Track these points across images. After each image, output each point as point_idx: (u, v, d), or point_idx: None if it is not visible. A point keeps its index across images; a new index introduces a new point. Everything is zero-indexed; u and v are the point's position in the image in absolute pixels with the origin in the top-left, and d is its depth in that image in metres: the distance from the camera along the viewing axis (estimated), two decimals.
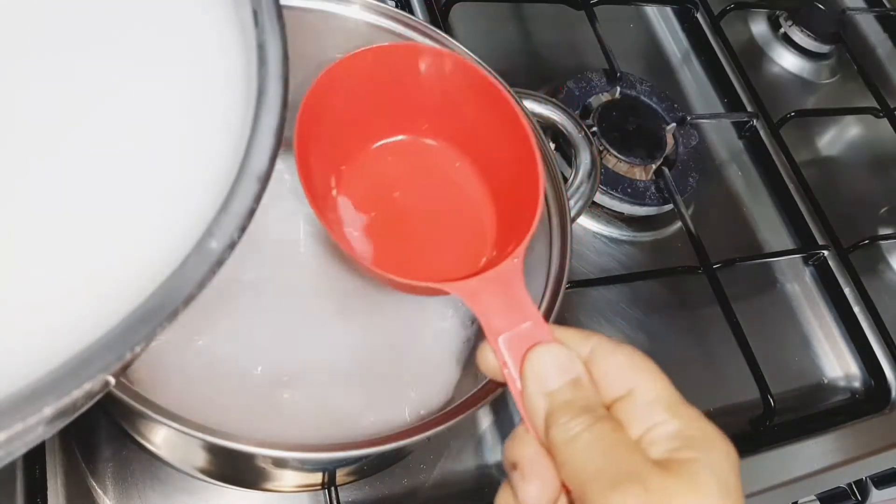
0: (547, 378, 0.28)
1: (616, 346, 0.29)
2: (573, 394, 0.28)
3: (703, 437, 0.27)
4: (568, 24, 0.71)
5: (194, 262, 0.21)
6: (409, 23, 0.43)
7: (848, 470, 0.55)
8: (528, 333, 0.30)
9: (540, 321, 0.31)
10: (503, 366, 0.30)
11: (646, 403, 0.28)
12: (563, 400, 0.28)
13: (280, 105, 0.25)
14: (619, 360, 0.29)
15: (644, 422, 0.27)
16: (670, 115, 0.66)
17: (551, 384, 0.28)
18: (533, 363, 0.29)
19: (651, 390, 0.28)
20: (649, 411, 0.28)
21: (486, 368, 0.31)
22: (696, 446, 0.27)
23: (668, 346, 0.57)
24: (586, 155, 0.49)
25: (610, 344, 0.30)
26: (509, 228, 0.38)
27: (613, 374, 0.29)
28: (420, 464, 0.46)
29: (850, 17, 0.86)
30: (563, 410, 0.27)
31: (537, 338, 0.30)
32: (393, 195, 0.41)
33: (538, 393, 0.28)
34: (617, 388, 0.29)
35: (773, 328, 0.62)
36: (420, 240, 0.40)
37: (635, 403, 0.28)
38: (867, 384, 0.62)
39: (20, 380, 0.18)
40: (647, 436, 0.27)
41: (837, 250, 0.65)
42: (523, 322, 0.30)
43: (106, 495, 0.41)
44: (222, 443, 0.30)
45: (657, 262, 0.61)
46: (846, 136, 0.79)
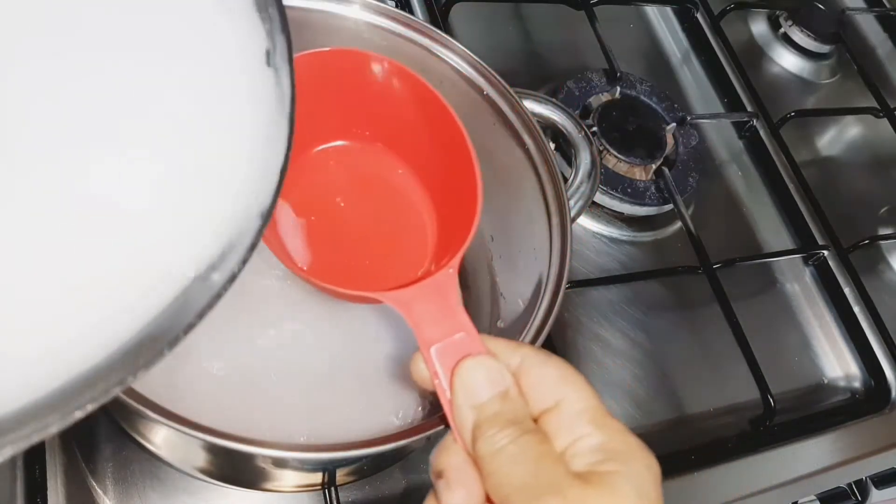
0: (476, 390, 0.29)
1: (545, 358, 0.30)
2: (501, 406, 0.28)
3: (626, 449, 0.27)
4: (568, 24, 0.71)
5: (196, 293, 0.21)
6: (409, 23, 0.43)
7: (848, 470, 0.55)
8: (460, 344, 0.30)
9: (472, 332, 0.31)
10: (434, 376, 0.30)
11: (572, 415, 0.28)
12: (491, 412, 0.28)
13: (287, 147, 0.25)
14: (548, 372, 0.29)
15: (570, 434, 0.28)
16: (670, 115, 0.66)
17: (480, 396, 0.29)
18: (462, 375, 0.29)
19: (577, 402, 0.28)
20: (575, 423, 0.28)
21: (417, 378, 0.31)
22: (618, 459, 0.27)
23: (668, 346, 0.57)
24: (586, 155, 0.49)
25: (539, 356, 0.30)
26: (449, 238, 0.38)
27: (542, 386, 0.29)
28: (420, 464, 0.46)
29: (850, 17, 0.86)
30: (491, 423, 0.28)
31: (469, 349, 0.30)
32: (334, 200, 0.41)
33: (467, 405, 0.29)
34: (545, 400, 0.29)
35: (773, 328, 0.62)
36: (359, 247, 0.40)
37: (562, 415, 0.28)
38: (867, 384, 0.62)
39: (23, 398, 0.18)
40: (572, 448, 0.28)
41: (837, 250, 0.65)
42: (456, 333, 0.30)
43: (106, 495, 0.41)
44: (222, 443, 0.30)
45: (657, 262, 0.61)
46: (846, 136, 0.79)
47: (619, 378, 0.54)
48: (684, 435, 0.54)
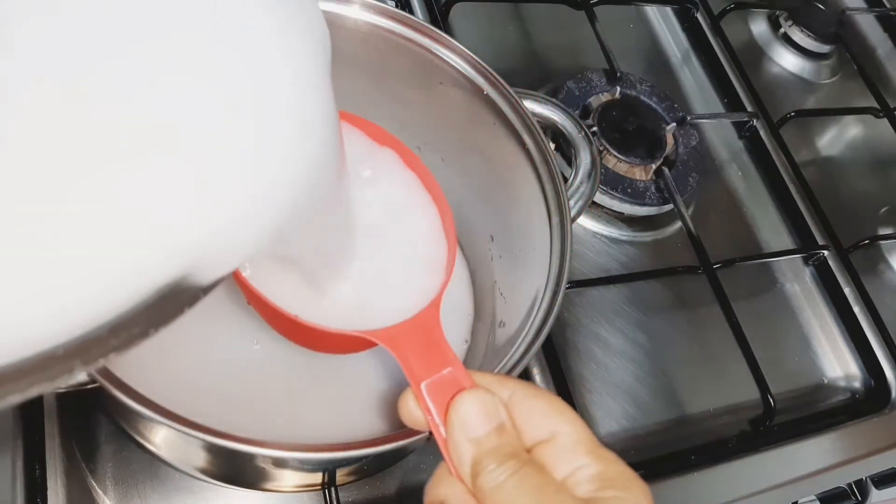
0: (473, 425, 0.29)
1: (535, 392, 0.30)
2: (498, 440, 0.28)
3: (623, 478, 0.28)
4: (568, 24, 0.71)
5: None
6: (409, 23, 0.43)
7: (848, 470, 0.55)
8: (449, 379, 0.30)
9: (459, 367, 0.31)
10: (426, 412, 0.30)
11: (568, 447, 0.29)
12: (490, 447, 0.28)
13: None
14: (539, 405, 0.30)
15: (568, 464, 0.28)
16: (670, 115, 0.66)
17: (477, 431, 0.29)
18: (459, 410, 0.29)
19: (572, 434, 0.29)
20: (572, 454, 0.28)
21: (407, 416, 0.31)
22: (617, 486, 0.28)
23: (668, 346, 0.57)
24: (586, 155, 0.49)
25: (529, 389, 0.30)
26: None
27: (534, 419, 0.29)
28: (420, 464, 0.46)
29: (850, 17, 0.86)
30: (490, 457, 0.28)
31: (458, 383, 0.30)
32: None
33: (464, 439, 0.29)
34: (538, 433, 0.29)
35: (773, 328, 0.62)
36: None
37: (558, 447, 0.29)
38: (867, 384, 0.62)
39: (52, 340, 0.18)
40: (572, 478, 0.28)
41: (837, 250, 0.65)
42: (444, 368, 0.31)
43: (106, 495, 0.41)
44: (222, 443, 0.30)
45: (657, 262, 0.61)
46: (846, 136, 0.79)
47: (619, 378, 0.54)
48: (684, 435, 0.54)
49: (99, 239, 0.21)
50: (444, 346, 0.32)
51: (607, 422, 0.52)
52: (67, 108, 0.22)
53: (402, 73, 0.45)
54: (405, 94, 0.46)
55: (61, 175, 0.21)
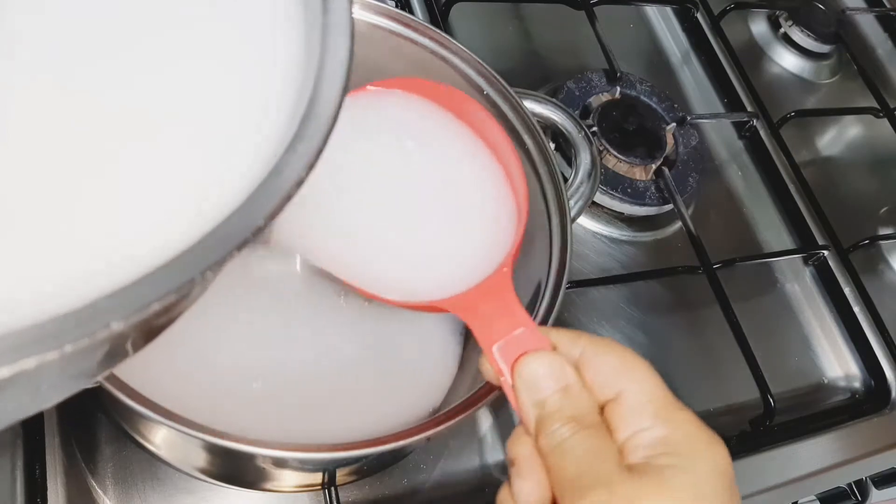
0: (537, 387, 0.29)
1: (607, 347, 0.30)
2: (562, 402, 0.28)
3: (689, 443, 0.27)
4: (568, 24, 0.70)
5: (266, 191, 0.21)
6: (409, 23, 0.43)
7: (848, 470, 0.55)
8: (521, 340, 0.30)
9: (532, 326, 0.31)
10: (499, 374, 0.30)
11: (633, 407, 0.28)
12: (553, 408, 0.28)
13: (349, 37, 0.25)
14: (610, 361, 0.29)
15: (630, 426, 0.28)
16: (670, 115, 0.66)
17: (542, 393, 0.29)
18: (522, 373, 0.29)
19: (638, 393, 0.28)
20: (636, 415, 0.28)
21: (489, 377, 0.31)
22: (678, 453, 0.27)
23: (668, 346, 0.57)
24: (586, 155, 0.49)
25: (599, 345, 0.30)
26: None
27: (604, 376, 0.29)
28: (420, 464, 0.46)
29: (850, 17, 0.86)
30: (552, 419, 0.28)
31: (530, 344, 0.30)
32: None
33: (529, 401, 0.29)
34: (607, 391, 0.29)
35: (773, 328, 0.62)
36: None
37: (623, 407, 0.28)
38: (867, 384, 0.62)
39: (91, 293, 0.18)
40: (631, 441, 0.28)
41: (837, 250, 0.65)
42: (516, 329, 0.31)
43: (106, 495, 0.41)
44: (222, 443, 0.30)
45: (657, 262, 0.61)
46: (846, 136, 0.79)
47: None
48: None
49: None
50: (516, 307, 0.32)
51: None
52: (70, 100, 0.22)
53: (402, 73, 0.45)
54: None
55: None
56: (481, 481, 0.47)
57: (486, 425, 0.49)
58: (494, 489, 0.46)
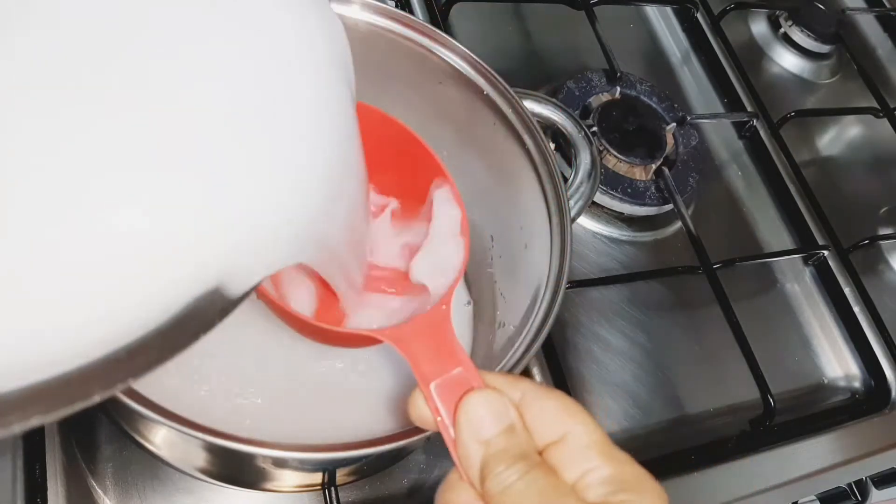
0: (481, 425, 0.28)
1: (547, 392, 0.30)
2: (507, 441, 0.28)
3: (636, 480, 0.28)
4: (568, 24, 0.71)
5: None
6: (409, 23, 0.43)
7: (848, 470, 0.55)
8: (459, 380, 0.30)
9: (470, 367, 0.30)
10: (435, 413, 0.29)
11: (580, 448, 0.28)
12: (498, 448, 0.28)
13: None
14: (552, 405, 0.29)
15: (579, 466, 0.28)
16: (670, 115, 0.66)
17: (486, 432, 0.28)
18: (468, 410, 0.29)
19: (584, 435, 0.28)
20: (583, 456, 0.28)
21: (416, 416, 0.30)
22: (631, 489, 0.27)
23: (668, 346, 0.57)
24: (586, 155, 0.49)
25: (541, 389, 0.30)
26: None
27: (545, 420, 0.29)
28: (420, 464, 0.46)
29: (850, 17, 0.86)
30: (499, 459, 0.27)
31: (468, 384, 0.30)
32: None
33: (473, 440, 0.28)
34: (549, 433, 0.29)
35: (773, 328, 0.62)
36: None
37: (569, 448, 0.28)
38: (867, 384, 0.62)
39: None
40: (583, 480, 0.27)
41: (837, 250, 0.65)
42: (454, 368, 0.30)
43: (106, 495, 0.41)
44: (222, 443, 0.30)
45: (657, 262, 0.61)
46: (846, 136, 0.79)
47: (619, 378, 0.54)
48: (684, 435, 0.54)
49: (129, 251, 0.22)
50: (455, 346, 0.31)
51: (607, 422, 0.52)
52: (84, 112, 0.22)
53: (402, 73, 0.45)
54: (405, 94, 0.46)
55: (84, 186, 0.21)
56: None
57: None
58: None
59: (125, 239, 0.22)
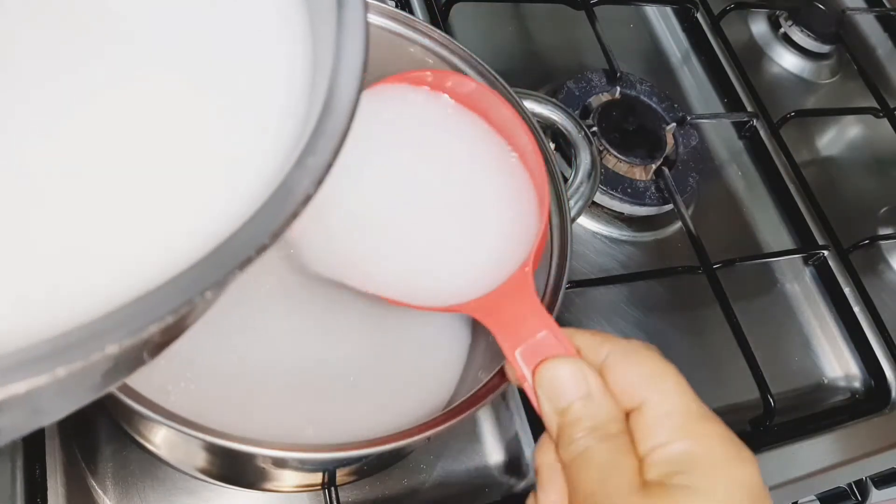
0: (558, 395, 0.28)
1: (633, 352, 0.28)
2: (583, 411, 0.27)
3: (708, 460, 0.26)
4: (568, 24, 0.71)
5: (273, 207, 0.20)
6: (409, 23, 0.43)
7: (848, 470, 0.55)
8: (544, 344, 0.29)
9: (556, 329, 0.30)
10: (521, 379, 0.29)
11: (655, 419, 0.27)
12: (574, 417, 0.27)
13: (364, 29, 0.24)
14: (635, 368, 0.28)
15: (650, 439, 0.26)
16: (670, 115, 0.66)
17: (563, 401, 0.28)
18: (543, 380, 0.28)
19: (661, 404, 0.27)
20: (657, 428, 0.26)
21: (514, 382, 0.30)
22: (696, 472, 0.25)
23: (668, 346, 0.57)
24: (586, 155, 0.49)
25: (627, 350, 0.28)
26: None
27: (628, 384, 0.28)
28: (420, 464, 0.46)
29: (850, 17, 0.86)
30: (572, 428, 0.27)
31: (552, 347, 0.29)
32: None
33: (550, 410, 0.28)
34: (629, 400, 0.28)
35: (773, 328, 0.62)
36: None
37: (645, 418, 0.27)
38: (867, 384, 0.62)
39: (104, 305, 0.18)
40: (651, 455, 0.26)
41: (837, 250, 0.65)
42: (539, 332, 0.30)
43: (106, 495, 0.41)
44: (222, 443, 0.30)
45: (657, 262, 0.61)
46: (846, 136, 0.79)
47: None
48: None
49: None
50: (538, 308, 0.31)
51: None
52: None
53: None
54: None
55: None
56: (481, 481, 0.47)
57: (486, 425, 0.49)
58: (494, 489, 0.47)
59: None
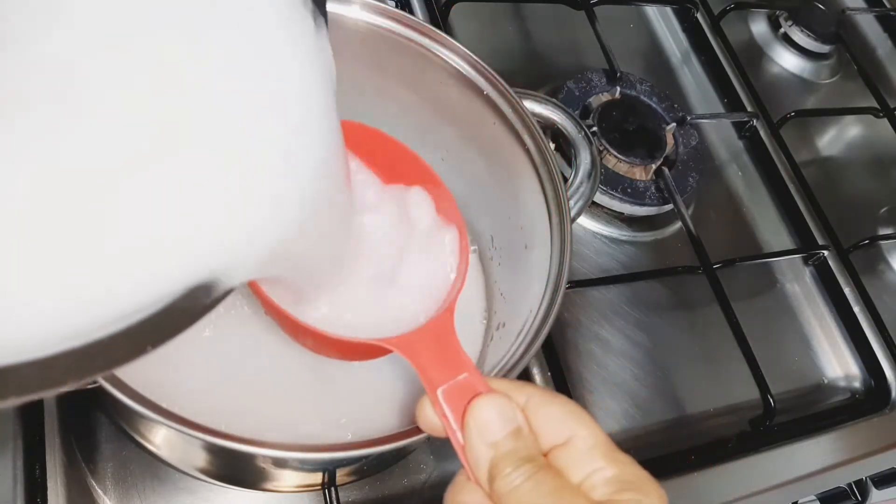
0: (490, 429, 0.29)
1: (552, 396, 0.31)
2: (515, 444, 0.29)
3: (639, 481, 0.29)
4: (568, 24, 0.71)
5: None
6: (409, 23, 0.43)
7: (848, 470, 0.55)
8: (466, 385, 0.31)
9: (475, 372, 0.31)
10: (443, 418, 0.30)
11: (584, 450, 0.29)
12: (506, 450, 0.29)
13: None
14: (556, 410, 0.30)
15: (584, 468, 0.29)
16: (670, 115, 0.66)
17: (494, 435, 0.29)
18: (476, 414, 0.29)
19: (589, 438, 0.29)
20: (588, 458, 0.29)
21: (424, 422, 0.31)
22: (634, 489, 0.28)
23: (668, 346, 0.57)
24: (586, 155, 0.49)
25: (545, 394, 0.31)
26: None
27: (551, 424, 0.30)
28: (420, 464, 0.46)
29: (850, 17, 0.86)
30: (507, 461, 0.28)
31: (475, 389, 0.30)
32: None
33: (481, 444, 0.29)
34: (554, 437, 0.30)
35: (773, 328, 0.62)
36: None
37: (574, 451, 0.29)
38: (867, 384, 0.62)
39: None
40: (588, 481, 0.28)
41: (837, 250, 0.65)
42: (460, 374, 0.31)
43: (106, 495, 0.41)
44: (222, 443, 0.30)
45: (657, 262, 0.61)
46: (846, 136, 0.79)
47: (619, 378, 0.54)
48: (684, 435, 0.54)
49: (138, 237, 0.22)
50: (459, 352, 0.32)
51: (607, 422, 0.52)
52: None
53: (402, 74, 0.45)
54: (405, 95, 0.46)
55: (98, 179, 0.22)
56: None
57: None
58: None
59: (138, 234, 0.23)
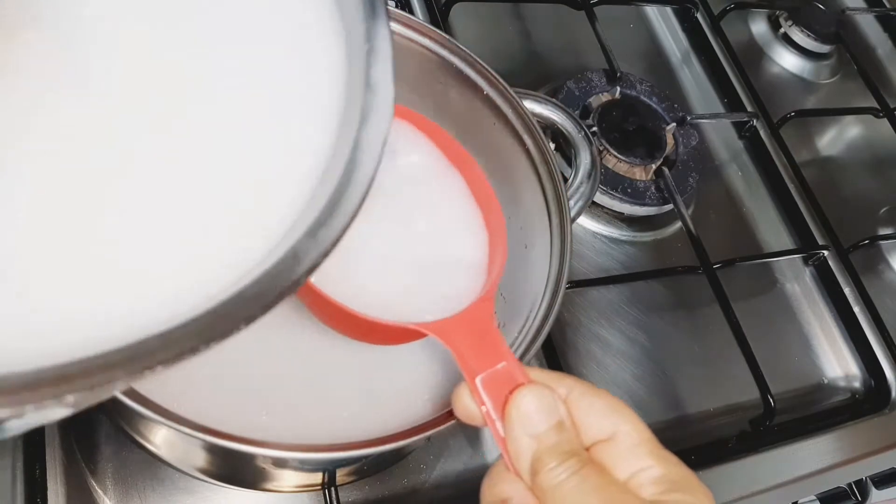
0: (533, 420, 0.28)
1: (594, 390, 0.30)
2: (558, 437, 0.28)
3: (686, 481, 0.28)
4: (568, 24, 0.71)
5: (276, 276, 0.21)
6: (409, 23, 0.43)
7: (848, 470, 0.55)
8: (505, 374, 0.30)
9: (514, 361, 0.30)
10: (480, 404, 0.30)
11: (630, 447, 0.28)
12: (550, 444, 0.28)
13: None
14: (598, 404, 0.29)
15: (630, 465, 0.28)
16: (670, 115, 0.66)
17: (537, 427, 0.28)
18: (519, 404, 0.29)
19: (634, 434, 0.28)
20: (634, 455, 0.28)
21: (461, 411, 0.30)
22: (682, 489, 0.27)
23: (668, 346, 0.57)
24: (586, 155, 0.49)
25: (587, 387, 0.30)
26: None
27: (594, 417, 0.29)
28: (420, 464, 0.46)
29: (850, 17, 0.86)
30: (551, 454, 0.28)
31: (515, 378, 0.30)
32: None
33: (524, 435, 0.28)
34: (597, 431, 0.29)
35: (773, 328, 0.62)
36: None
37: (619, 447, 0.28)
38: (867, 384, 0.62)
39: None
40: (635, 479, 0.28)
41: (837, 250, 0.65)
42: (498, 362, 0.30)
43: (106, 495, 0.41)
44: (222, 443, 0.30)
45: (657, 262, 0.61)
46: (846, 136, 0.79)
47: (619, 378, 0.54)
48: (684, 435, 0.54)
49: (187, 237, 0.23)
50: (499, 340, 0.31)
51: None
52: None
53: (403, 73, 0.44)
54: (405, 94, 0.46)
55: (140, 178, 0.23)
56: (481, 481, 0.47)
57: None
58: None
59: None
